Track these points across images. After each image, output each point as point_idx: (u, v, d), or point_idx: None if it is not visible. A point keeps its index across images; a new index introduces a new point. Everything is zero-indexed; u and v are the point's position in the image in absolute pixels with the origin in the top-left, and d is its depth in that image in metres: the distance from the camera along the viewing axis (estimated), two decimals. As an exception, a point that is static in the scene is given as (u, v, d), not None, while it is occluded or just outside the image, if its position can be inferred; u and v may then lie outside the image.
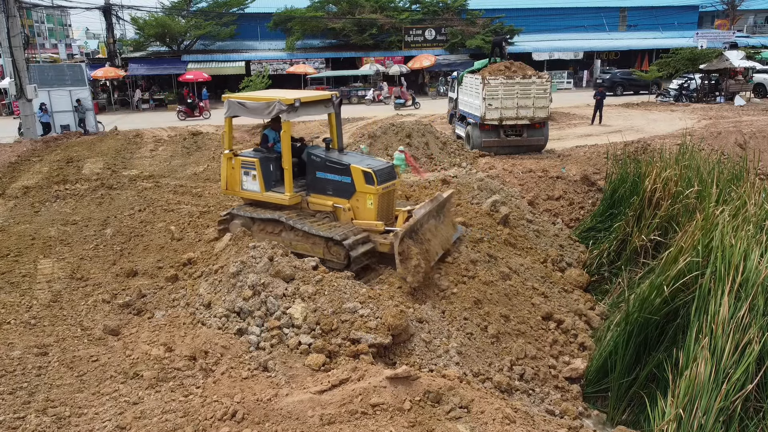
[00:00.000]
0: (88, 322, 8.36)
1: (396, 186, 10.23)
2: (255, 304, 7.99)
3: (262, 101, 9.75)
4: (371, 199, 9.44)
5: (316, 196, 10.00)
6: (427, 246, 9.21)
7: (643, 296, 7.65)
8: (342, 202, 9.74)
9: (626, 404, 7.65)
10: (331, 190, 9.85)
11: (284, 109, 9.35)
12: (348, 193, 9.67)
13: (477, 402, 6.16)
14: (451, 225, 10.47)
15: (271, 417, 5.90)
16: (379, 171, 9.48)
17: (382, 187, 9.47)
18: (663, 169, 10.39)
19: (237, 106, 10.08)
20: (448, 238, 10.06)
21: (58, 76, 26.42)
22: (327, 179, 9.83)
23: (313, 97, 10.12)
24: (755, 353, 6.38)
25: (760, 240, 7.24)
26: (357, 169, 9.46)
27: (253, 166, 10.13)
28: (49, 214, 13.80)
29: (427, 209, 9.50)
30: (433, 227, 9.71)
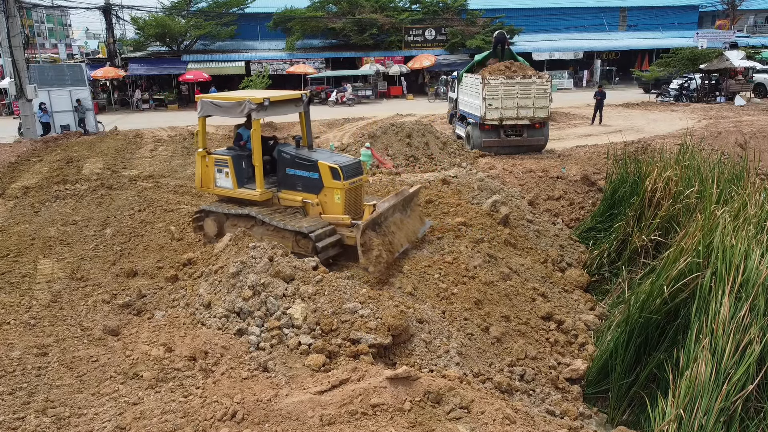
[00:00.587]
0: (88, 323, 8.34)
1: (363, 181, 10.55)
2: (255, 304, 7.97)
3: (233, 101, 10.11)
4: (338, 194, 9.82)
5: (286, 191, 10.36)
6: (390, 238, 9.62)
7: (644, 297, 7.64)
8: (311, 198, 10.09)
9: (627, 405, 7.64)
10: (300, 185, 10.21)
11: (254, 108, 9.71)
12: (316, 188, 10.02)
13: (477, 402, 6.14)
14: (418, 219, 10.87)
15: (271, 417, 5.89)
16: (346, 167, 9.86)
17: (349, 183, 9.84)
18: (663, 169, 10.38)
19: (210, 106, 10.45)
20: (414, 231, 10.49)
21: (58, 76, 26.41)
22: (296, 175, 10.20)
23: (282, 97, 10.46)
24: (756, 354, 6.36)
25: (760, 240, 7.22)
26: (324, 165, 9.81)
27: (226, 164, 10.47)
28: (49, 214, 13.79)
29: (391, 203, 9.93)
30: (398, 220, 10.14)
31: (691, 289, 7.37)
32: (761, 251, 7.00)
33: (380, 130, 18.55)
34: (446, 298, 8.83)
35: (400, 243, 9.91)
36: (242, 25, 41.81)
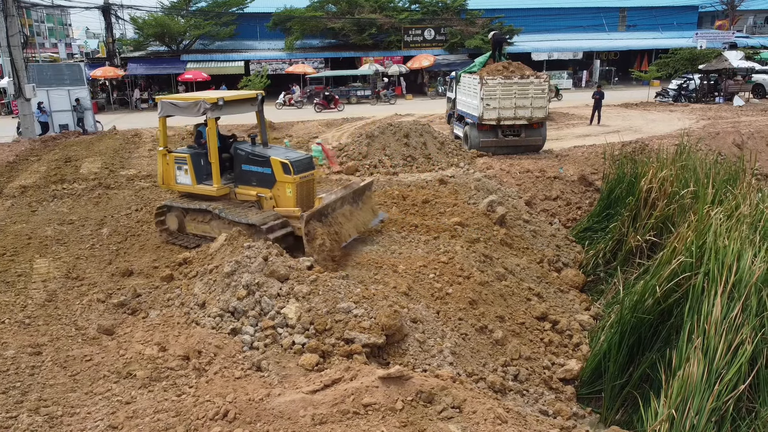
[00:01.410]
0: (83, 322, 8.35)
1: (314, 176, 11.03)
2: (249, 303, 7.98)
3: (190, 101, 10.61)
4: (290, 187, 10.28)
5: (242, 187, 10.85)
6: (337, 228, 10.14)
7: (636, 297, 7.65)
8: (265, 192, 10.56)
9: (620, 405, 7.64)
10: (255, 181, 10.69)
11: (208, 107, 10.21)
12: (269, 183, 10.48)
13: (469, 402, 6.15)
14: (370, 211, 11.40)
15: (263, 417, 5.90)
16: (296, 162, 10.34)
17: (300, 177, 10.31)
18: (659, 169, 10.38)
19: (169, 106, 10.98)
20: (364, 222, 11.08)
21: (57, 76, 26.44)
22: (251, 171, 10.68)
23: (237, 96, 11.10)
24: (748, 354, 6.38)
25: (753, 240, 7.23)
26: (276, 160, 10.29)
27: (185, 162, 11.02)
28: (46, 213, 13.81)
29: (338, 195, 10.52)
30: (347, 212, 10.65)
31: (684, 290, 7.38)
32: (754, 251, 7.00)
33: (378, 130, 18.55)
34: (441, 298, 8.83)
35: (348, 233, 10.44)
36: (242, 24, 41.84)
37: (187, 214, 11.14)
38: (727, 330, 6.53)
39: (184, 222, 11.21)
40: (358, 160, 17.63)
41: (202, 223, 10.94)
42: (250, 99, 11.20)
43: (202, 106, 10.24)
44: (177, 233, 11.34)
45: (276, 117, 28.53)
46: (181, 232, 11.33)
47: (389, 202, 13.49)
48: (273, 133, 25.71)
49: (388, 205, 13.32)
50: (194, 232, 11.12)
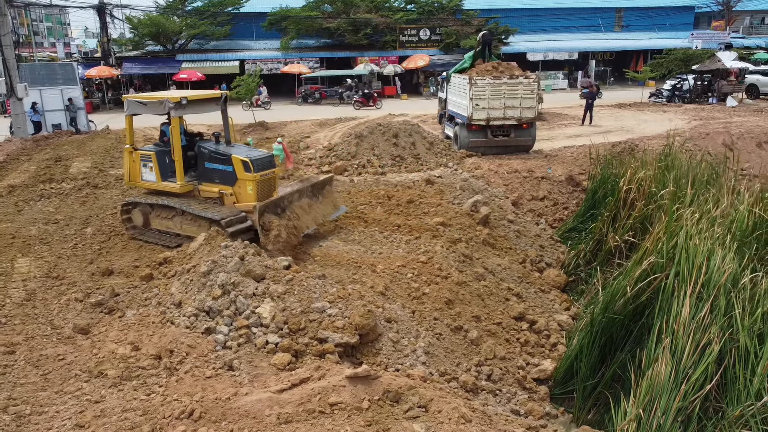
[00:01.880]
0: (59, 321, 8.38)
1: (276, 173, 11.28)
2: (224, 303, 8.01)
3: (155, 100, 10.96)
4: (251, 185, 10.54)
5: (205, 184, 11.16)
6: (294, 222, 10.48)
7: (607, 298, 7.67)
8: (227, 189, 10.86)
9: (592, 404, 7.67)
10: (217, 178, 10.99)
11: (172, 106, 10.53)
12: (231, 180, 10.77)
13: (436, 401, 6.18)
14: (331, 204, 11.81)
15: (228, 416, 5.92)
16: (257, 160, 10.63)
17: (260, 175, 10.58)
18: (638, 169, 10.40)
19: (135, 105, 11.30)
20: (324, 215, 11.48)
21: (50, 75, 26.43)
22: (214, 169, 10.99)
23: (201, 96, 11.48)
24: (715, 354, 6.40)
25: (724, 241, 7.25)
26: (237, 159, 10.57)
27: (150, 159, 11.31)
28: (32, 213, 13.82)
29: (294, 188, 10.94)
30: (305, 205, 11.06)
31: (655, 290, 7.40)
32: (724, 252, 7.02)
33: (367, 130, 18.57)
34: (417, 297, 8.86)
35: (306, 225, 10.81)
36: (238, 24, 41.82)
37: (152, 210, 11.39)
38: (694, 330, 6.55)
39: (149, 218, 11.46)
40: (346, 160, 17.65)
41: (166, 219, 11.22)
42: (214, 98, 11.50)
43: (166, 105, 10.57)
44: (142, 229, 11.61)
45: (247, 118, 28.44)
46: (146, 227, 11.58)
47: (374, 201, 13.52)
48: (266, 132, 25.75)
49: (373, 205, 13.35)
50: (159, 228, 11.41)
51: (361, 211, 12.76)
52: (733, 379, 6.53)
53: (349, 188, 15.14)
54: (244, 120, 27.93)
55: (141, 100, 11.25)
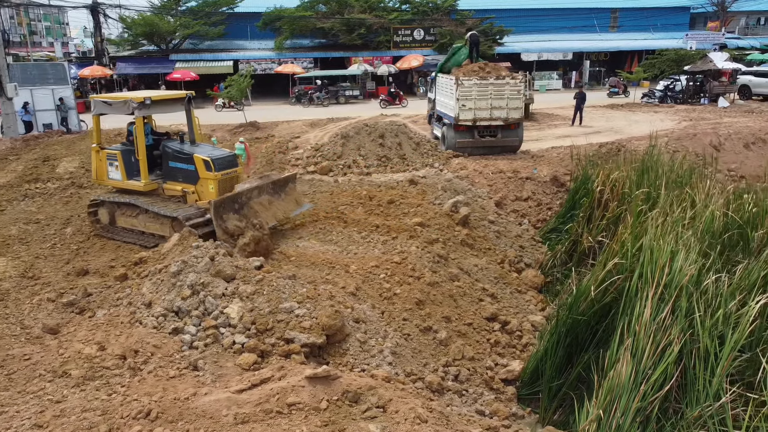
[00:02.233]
0: (30, 321, 8.39)
1: (238, 173, 11.56)
2: (193, 303, 8.02)
3: (120, 100, 11.24)
4: (212, 184, 10.85)
5: (170, 183, 11.45)
6: (252, 217, 10.62)
7: (572, 299, 7.69)
8: (189, 188, 11.16)
9: (558, 405, 7.68)
10: (180, 177, 11.28)
11: (135, 106, 10.76)
12: (193, 179, 11.08)
13: (394, 402, 6.19)
14: (293, 201, 12.03)
15: (185, 416, 5.93)
16: (218, 159, 10.95)
17: (221, 174, 10.92)
18: (611, 170, 10.41)
19: (101, 105, 11.56)
20: (285, 211, 11.68)
21: (41, 75, 26.43)
22: (177, 168, 11.28)
23: (164, 96, 11.75)
24: (674, 354, 6.41)
25: (688, 242, 7.26)
26: (198, 158, 10.88)
27: (116, 158, 11.58)
28: (14, 212, 13.84)
29: (252, 185, 11.10)
30: (265, 201, 11.25)
31: (620, 291, 7.42)
32: (687, 254, 7.04)
33: (353, 131, 18.60)
34: (388, 298, 8.87)
35: (265, 220, 10.89)
36: (232, 24, 41.82)
37: (118, 209, 11.61)
38: (655, 331, 6.56)
39: (115, 216, 11.69)
40: (332, 161, 17.67)
41: (130, 217, 11.44)
42: (179, 99, 11.74)
43: (130, 105, 10.80)
44: (108, 227, 11.82)
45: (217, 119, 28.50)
46: (113, 225, 11.78)
47: (356, 202, 13.54)
48: (256, 132, 25.76)
49: (354, 206, 13.37)
50: (124, 226, 11.63)
51: (342, 212, 12.78)
52: (693, 380, 6.54)
53: (332, 189, 15.17)
54: (235, 120, 27.98)
55: (106, 100, 11.51)
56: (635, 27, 48.23)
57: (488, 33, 42.07)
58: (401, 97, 34.57)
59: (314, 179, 16.58)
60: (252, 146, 22.36)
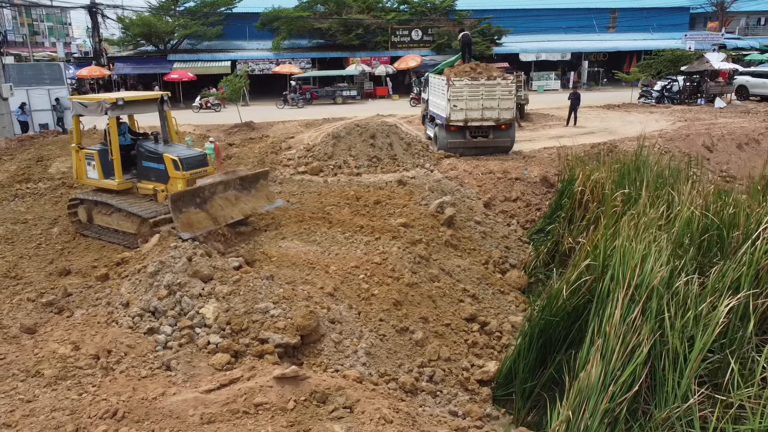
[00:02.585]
0: (8, 321, 8.42)
1: (208, 172, 11.66)
2: (169, 303, 8.05)
3: (94, 101, 11.47)
4: (181, 183, 11.02)
5: (143, 182, 11.73)
6: (215, 211, 10.79)
7: (545, 300, 7.69)
8: (160, 186, 11.38)
9: (531, 406, 7.69)
10: (153, 176, 11.53)
11: (108, 107, 11.02)
12: (164, 178, 11.30)
13: (362, 402, 6.21)
14: (263, 198, 12.06)
15: (152, 416, 5.96)
16: (186, 159, 11.15)
17: (190, 173, 11.10)
18: (592, 171, 10.40)
19: (78, 106, 11.86)
20: (253, 207, 11.69)
21: (37, 75, 26.53)
22: (149, 167, 11.53)
23: (138, 97, 12.07)
24: (643, 356, 6.41)
25: (660, 243, 7.26)
26: (168, 157, 11.08)
27: (93, 158, 11.87)
28: (3, 212, 13.90)
29: (215, 180, 11.15)
30: (231, 196, 11.32)
31: (593, 293, 7.42)
32: (658, 255, 7.03)
33: (344, 131, 18.60)
34: (366, 298, 8.88)
35: (229, 215, 11.03)
36: (231, 24, 41.88)
37: (95, 207, 11.87)
38: (625, 332, 6.56)
39: (92, 214, 11.94)
40: (323, 161, 17.69)
41: (106, 215, 11.66)
42: (152, 99, 11.99)
43: (102, 106, 11.03)
44: (87, 224, 12.07)
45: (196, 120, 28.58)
46: (90, 223, 12.03)
47: (343, 202, 13.56)
48: (251, 132, 25.81)
49: (341, 206, 13.38)
50: (100, 224, 11.85)
51: (327, 212, 12.80)
52: (662, 382, 6.54)
53: (321, 189, 15.18)
54: (230, 120, 28.03)
55: (82, 101, 11.79)
56: (634, 27, 48.15)
57: (486, 33, 42.07)
58: None
59: (304, 179, 16.60)
60: (245, 147, 22.45)
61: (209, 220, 10.53)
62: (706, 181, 12.32)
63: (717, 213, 8.91)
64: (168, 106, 12.24)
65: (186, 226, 10.10)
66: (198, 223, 10.32)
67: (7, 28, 76.97)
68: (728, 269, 7.39)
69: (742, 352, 6.75)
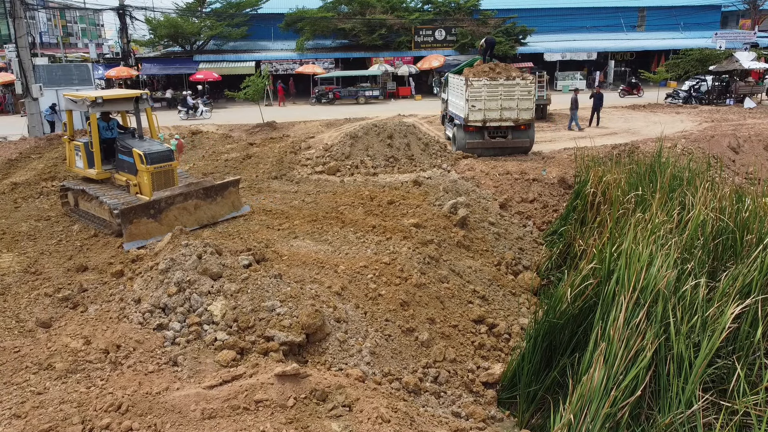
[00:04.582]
0: (25, 315, 8.68)
1: (173, 167, 12.41)
2: (179, 300, 8.20)
3: (79, 98, 12.36)
4: (146, 175, 11.81)
5: (120, 173, 12.67)
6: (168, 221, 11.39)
7: (549, 303, 7.62)
8: (132, 179, 12.26)
9: (535, 409, 7.63)
10: (126, 168, 12.43)
11: (89, 104, 11.96)
12: (134, 171, 12.13)
13: (361, 401, 6.25)
14: (229, 205, 12.65)
15: (155, 409, 6.09)
16: (151, 154, 11.86)
17: (154, 167, 11.86)
18: (604, 173, 10.26)
19: (69, 102, 12.84)
20: (213, 216, 12.28)
21: (66, 76, 27.22)
22: (124, 160, 12.47)
23: (116, 95, 12.93)
24: (647, 360, 6.32)
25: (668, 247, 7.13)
26: (136, 152, 11.91)
27: (80, 149, 12.96)
28: (28, 209, 14.28)
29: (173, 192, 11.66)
30: (191, 206, 11.92)
31: (598, 296, 7.34)
32: (665, 259, 6.92)
33: (362, 131, 18.67)
34: (373, 298, 8.91)
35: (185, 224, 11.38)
36: (255, 25, 42.31)
37: (80, 193, 12.88)
38: (628, 336, 6.48)
39: (78, 200, 13.06)
40: (340, 161, 17.79)
41: (87, 202, 12.66)
42: (129, 98, 12.83)
43: (84, 103, 12.01)
44: (75, 209, 13.23)
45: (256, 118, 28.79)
46: (77, 207, 13.15)
47: (356, 202, 13.62)
48: (272, 132, 26.05)
49: (355, 206, 13.45)
50: (83, 209, 12.90)
51: (341, 212, 12.87)
52: (667, 387, 6.44)
53: (336, 189, 15.27)
54: (253, 120, 28.33)
55: (72, 98, 12.72)
56: (663, 26, 47.24)
57: (511, 33, 41.75)
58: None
59: (321, 179, 16.72)
60: (266, 146, 22.65)
61: (161, 229, 11.21)
62: (728, 183, 12.05)
63: (731, 216, 8.72)
64: (148, 104, 13.17)
65: (132, 236, 10.97)
66: (147, 233, 11.14)
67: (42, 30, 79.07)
68: (739, 274, 7.23)
69: (751, 359, 6.62)
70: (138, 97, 12.84)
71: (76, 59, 60.74)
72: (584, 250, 9.85)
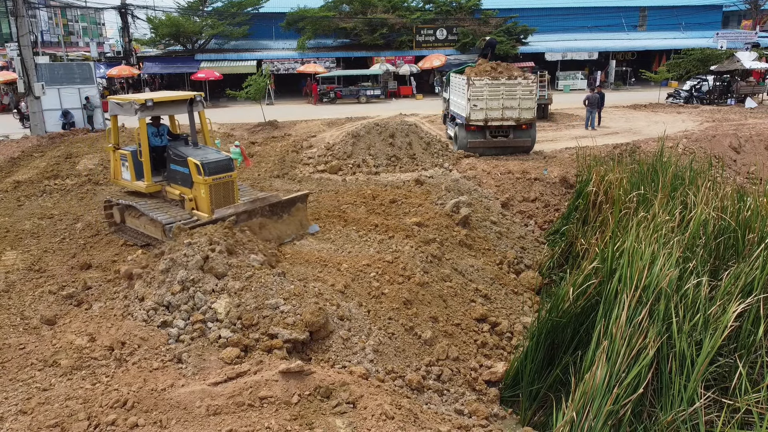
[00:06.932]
0: (30, 312, 8.72)
1: (233, 177, 10.97)
2: (183, 298, 8.23)
3: (126, 101, 11.10)
4: (203, 188, 10.43)
5: (171, 186, 11.22)
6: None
7: (552, 301, 7.66)
8: (186, 192, 10.83)
9: (538, 407, 7.67)
10: (179, 180, 10.99)
11: (137, 107, 10.67)
12: (189, 183, 10.71)
13: (365, 398, 6.29)
14: (296, 224, 11.30)
15: (160, 406, 6.13)
16: (209, 163, 10.46)
17: (212, 179, 10.46)
18: (606, 172, 10.30)
19: (114, 106, 11.56)
20: (278, 237, 10.86)
21: (68, 75, 27.21)
22: (177, 171, 10.98)
23: (168, 98, 11.39)
24: (649, 358, 6.37)
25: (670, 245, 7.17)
26: (192, 161, 10.47)
27: (127, 159, 11.49)
28: (31, 207, 14.33)
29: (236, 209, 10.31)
30: (255, 225, 10.47)
31: (600, 294, 7.38)
32: (667, 258, 6.96)
33: (364, 130, 18.70)
34: (376, 297, 8.95)
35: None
36: (257, 24, 42.36)
37: (126, 210, 11.64)
38: (631, 334, 6.52)
39: (124, 216, 11.74)
40: (342, 160, 17.82)
41: (135, 218, 11.43)
42: (183, 100, 11.52)
43: (132, 107, 10.78)
44: (121, 225, 11.91)
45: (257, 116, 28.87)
46: (123, 224, 11.88)
47: (359, 201, 13.66)
48: (274, 131, 26.11)
49: (357, 205, 13.48)
50: (131, 226, 11.64)
51: (343, 211, 12.91)
52: (669, 385, 6.49)
53: (338, 188, 15.31)
54: (254, 119, 28.38)
55: (118, 101, 11.49)
56: (664, 26, 47.29)
57: (512, 32, 41.78)
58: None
59: (323, 178, 16.76)
60: (268, 145, 22.72)
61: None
62: (730, 182, 12.09)
63: (733, 215, 8.76)
64: (202, 107, 11.69)
65: None
66: None
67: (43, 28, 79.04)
68: (741, 272, 7.27)
69: (753, 357, 6.66)
70: (192, 99, 11.50)
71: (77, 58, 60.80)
72: (586, 249, 9.88)
